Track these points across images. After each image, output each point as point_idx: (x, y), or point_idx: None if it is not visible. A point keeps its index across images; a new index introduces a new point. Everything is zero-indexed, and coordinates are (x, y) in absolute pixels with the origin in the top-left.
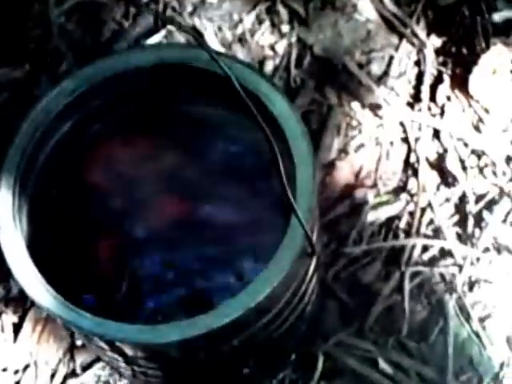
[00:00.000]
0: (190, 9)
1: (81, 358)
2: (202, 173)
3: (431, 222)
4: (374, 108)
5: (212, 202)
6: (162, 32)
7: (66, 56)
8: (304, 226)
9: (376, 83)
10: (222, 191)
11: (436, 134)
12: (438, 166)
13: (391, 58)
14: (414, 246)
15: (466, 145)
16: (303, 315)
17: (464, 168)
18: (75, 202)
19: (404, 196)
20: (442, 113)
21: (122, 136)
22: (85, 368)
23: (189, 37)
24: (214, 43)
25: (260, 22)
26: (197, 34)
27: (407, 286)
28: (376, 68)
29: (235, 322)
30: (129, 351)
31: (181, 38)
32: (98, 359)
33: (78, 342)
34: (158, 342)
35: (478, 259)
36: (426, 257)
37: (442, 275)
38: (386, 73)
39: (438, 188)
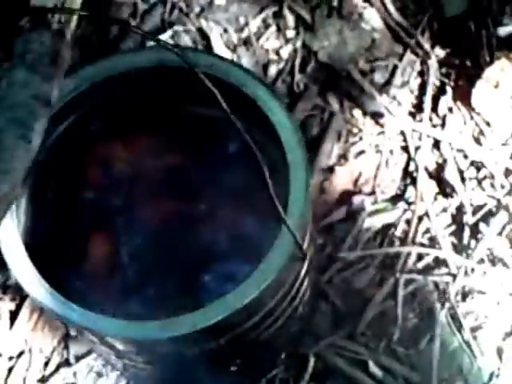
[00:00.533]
0: (197, 10)
1: (74, 348)
2: (199, 173)
3: (427, 231)
4: (376, 116)
5: (208, 202)
6: (169, 32)
7: (72, 53)
8: (294, 234)
9: (378, 91)
10: (218, 191)
11: (436, 144)
12: (437, 176)
13: (395, 67)
14: (409, 254)
15: (465, 156)
16: (294, 316)
17: (463, 179)
18: (72, 197)
19: (401, 204)
20: (443, 124)
21: (121, 135)
22: (78, 358)
23: (195, 37)
24: (219, 45)
25: (266, 26)
26: (179, 50)
27: (401, 292)
28: (379, 76)
29: (222, 322)
30: (118, 345)
31: (187, 38)
32: (91, 350)
33: (72, 332)
34: (143, 338)
35: (472, 270)
36: (420, 265)
37: (435, 284)
38: (388, 82)
39: (435, 198)
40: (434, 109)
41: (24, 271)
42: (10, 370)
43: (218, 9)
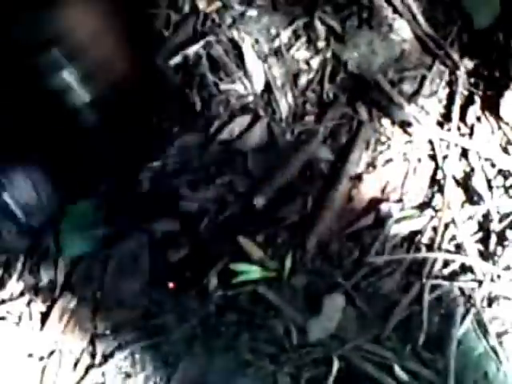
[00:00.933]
0: (229, 21)
1: (103, 349)
2: None
3: (454, 237)
4: (404, 125)
5: None
6: (201, 42)
7: None
8: None
9: (407, 101)
10: None
11: (464, 153)
12: (464, 184)
13: (423, 77)
14: (435, 260)
15: (493, 165)
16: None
17: (490, 187)
18: None
19: (428, 211)
20: (471, 133)
21: None
22: (106, 358)
23: (227, 47)
24: (250, 55)
25: (297, 37)
26: None
27: (426, 297)
28: (408, 87)
29: None
30: None
31: (219, 48)
32: (119, 347)
33: (100, 331)
34: None
35: (498, 276)
36: (446, 271)
37: (461, 290)
38: (417, 92)
39: (462, 205)
40: (462, 118)
41: None
42: (41, 370)
43: (249, 20)
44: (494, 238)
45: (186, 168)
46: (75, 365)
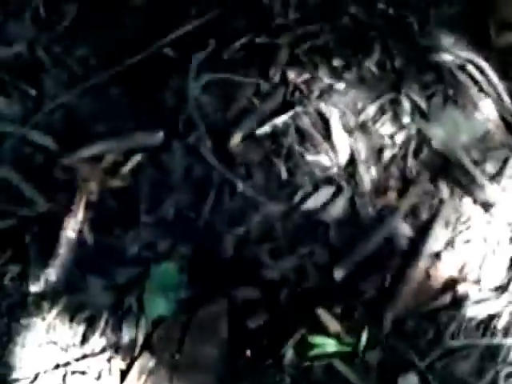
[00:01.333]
0: (317, 93)
1: None
2: None
3: None
4: (485, 206)
5: None
6: (289, 113)
7: (197, 126)
8: None
9: (489, 181)
10: None
11: None
12: None
13: (507, 158)
14: (511, 347)
15: None
16: None
17: None
18: None
19: (506, 295)
20: None
21: None
22: None
23: (315, 119)
24: (337, 128)
25: (382, 111)
26: None
27: None
28: (490, 167)
29: None
30: None
31: (307, 120)
32: None
33: None
34: None
35: None
36: None
37: None
38: (500, 172)
39: None
40: None
41: None
42: None
43: (337, 93)
44: None
45: (269, 236)
46: None
